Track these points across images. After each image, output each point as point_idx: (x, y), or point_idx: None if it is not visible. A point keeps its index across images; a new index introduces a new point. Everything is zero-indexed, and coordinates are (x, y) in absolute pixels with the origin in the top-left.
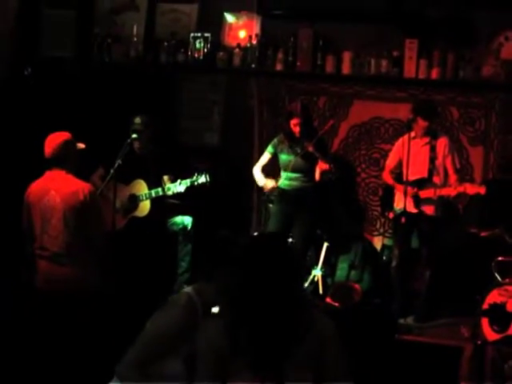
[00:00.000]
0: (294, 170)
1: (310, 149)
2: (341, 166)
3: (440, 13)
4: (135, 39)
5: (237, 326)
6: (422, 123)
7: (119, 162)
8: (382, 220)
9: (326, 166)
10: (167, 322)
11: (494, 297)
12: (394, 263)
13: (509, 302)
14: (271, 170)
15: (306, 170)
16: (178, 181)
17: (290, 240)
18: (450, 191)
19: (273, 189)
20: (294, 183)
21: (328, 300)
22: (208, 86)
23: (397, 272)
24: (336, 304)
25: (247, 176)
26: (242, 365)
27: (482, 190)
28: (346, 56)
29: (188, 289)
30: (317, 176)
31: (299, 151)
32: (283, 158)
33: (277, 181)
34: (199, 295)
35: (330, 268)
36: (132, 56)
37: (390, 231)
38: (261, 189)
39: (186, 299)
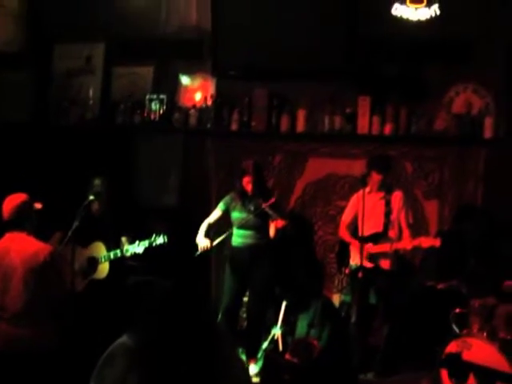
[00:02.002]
0: (246, 227)
1: (263, 206)
2: (297, 223)
3: (392, 69)
4: (91, 102)
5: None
6: (376, 177)
7: (77, 224)
8: (340, 277)
9: (281, 223)
10: (111, 374)
11: (452, 348)
12: (353, 319)
13: (465, 352)
14: (221, 227)
15: (259, 227)
16: (137, 242)
17: (246, 298)
18: (406, 245)
19: (205, 248)
20: (247, 240)
21: (287, 356)
22: (165, 147)
23: (356, 328)
24: (295, 360)
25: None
26: None
27: (437, 243)
28: (301, 114)
29: (123, 338)
30: (271, 233)
31: (252, 209)
32: (236, 215)
33: (212, 242)
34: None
35: (289, 326)
36: (88, 118)
37: (348, 287)
38: (219, 248)
39: (122, 348)
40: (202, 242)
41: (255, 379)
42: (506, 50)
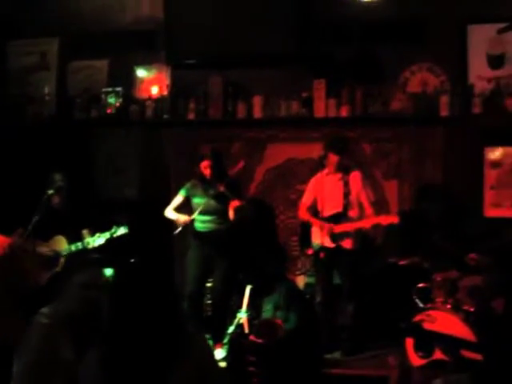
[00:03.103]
0: (207, 212)
1: (222, 189)
2: (258, 208)
3: (347, 52)
4: (48, 98)
5: (111, 356)
6: (333, 158)
7: (37, 218)
8: (303, 259)
9: (237, 203)
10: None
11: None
12: (317, 299)
13: (429, 324)
14: (184, 213)
15: (220, 212)
16: (97, 234)
17: (210, 284)
18: (365, 223)
19: (186, 222)
20: (209, 225)
21: (252, 338)
22: (123, 140)
23: (321, 308)
24: (260, 341)
25: (167, 222)
26: None
27: (395, 220)
28: (257, 100)
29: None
30: (230, 215)
31: (212, 193)
32: (196, 201)
33: (190, 216)
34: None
35: (254, 310)
36: (46, 115)
37: (311, 269)
38: (181, 237)
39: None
40: (182, 217)
41: (222, 364)
42: (460, 28)
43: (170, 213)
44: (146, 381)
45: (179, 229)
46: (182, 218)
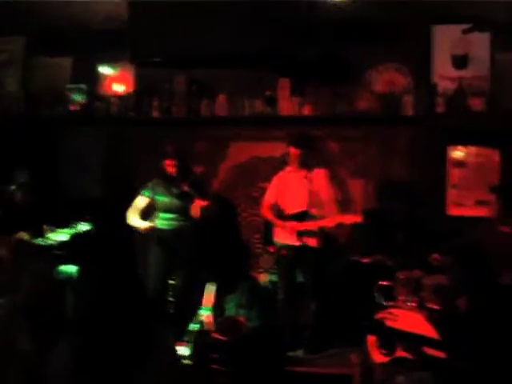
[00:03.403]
0: (170, 211)
1: (186, 188)
2: (221, 206)
3: (312, 52)
4: (13, 95)
5: (82, 347)
6: (293, 152)
7: None
8: (266, 257)
9: (202, 203)
10: None
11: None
12: (280, 297)
13: (391, 323)
14: (147, 214)
15: (183, 210)
16: (59, 230)
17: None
18: (329, 222)
19: (149, 229)
20: (172, 223)
21: (215, 335)
22: (87, 137)
23: (284, 306)
24: (223, 338)
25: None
26: None
27: (359, 219)
28: (221, 99)
29: None
30: (193, 213)
31: (175, 192)
32: (159, 199)
33: (152, 221)
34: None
35: (218, 308)
36: (10, 112)
37: (274, 267)
38: (143, 235)
39: None
40: (144, 223)
41: (186, 362)
42: (425, 29)
43: (131, 218)
44: (116, 371)
45: (143, 234)
46: (144, 226)
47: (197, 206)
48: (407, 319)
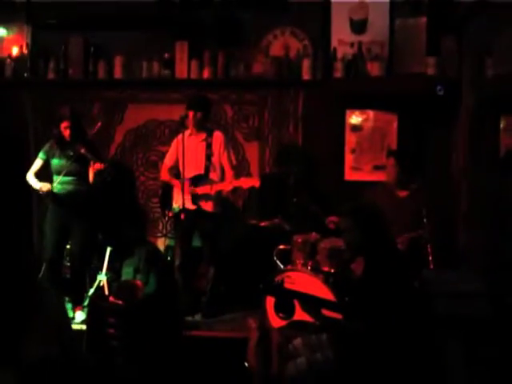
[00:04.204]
0: (66, 174)
1: (82, 151)
2: (118, 170)
3: (209, 14)
4: None
5: None
6: (191, 115)
7: None
8: (164, 221)
9: (99, 166)
10: None
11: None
12: (177, 262)
13: (289, 286)
14: (44, 176)
15: (79, 174)
16: None
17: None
18: (226, 186)
19: (48, 191)
20: (68, 187)
21: (111, 299)
22: None
23: (180, 271)
24: (119, 302)
25: (25, 186)
26: None
27: (257, 183)
28: (118, 61)
29: None
30: (90, 178)
31: (71, 154)
32: (55, 162)
33: (51, 183)
34: None
35: (115, 273)
36: None
37: (172, 232)
38: (39, 196)
39: None
40: (44, 186)
41: (82, 326)
42: None
43: (31, 178)
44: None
45: (45, 197)
46: (45, 187)
47: (92, 170)
48: (304, 282)
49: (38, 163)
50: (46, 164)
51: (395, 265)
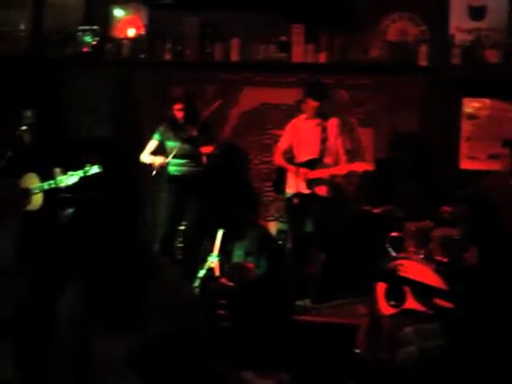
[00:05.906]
0: (179, 156)
1: (194, 133)
2: (232, 153)
3: None
4: (22, 34)
5: (89, 288)
6: (311, 104)
7: (10, 153)
8: (277, 205)
9: (208, 149)
10: None
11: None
12: (288, 246)
13: (401, 273)
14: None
15: (193, 156)
16: (70, 172)
17: (183, 228)
18: (341, 169)
19: (162, 164)
20: (182, 169)
21: (223, 280)
22: (98, 79)
23: (292, 255)
24: (231, 284)
25: (139, 166)
26: (102, 325)
27: (371, 167)
28: (235, 43)
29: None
30: (203, 159)
31: (184, 137)
32: (169, 144)
33: (165, 158)
34: None
35: (226, 255)
36: (20, 51)
37: (285, 216)
38: (155, 180)
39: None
40: (157, 159)
41: None
42: None
43: (145, 157)
44: (121, 306)
45: (155, 171)
46: (158, 161)
47: (204, 152)
48: (416, 270)
49: (152, 144)
50: (161, 145)
51: (509, 255)
